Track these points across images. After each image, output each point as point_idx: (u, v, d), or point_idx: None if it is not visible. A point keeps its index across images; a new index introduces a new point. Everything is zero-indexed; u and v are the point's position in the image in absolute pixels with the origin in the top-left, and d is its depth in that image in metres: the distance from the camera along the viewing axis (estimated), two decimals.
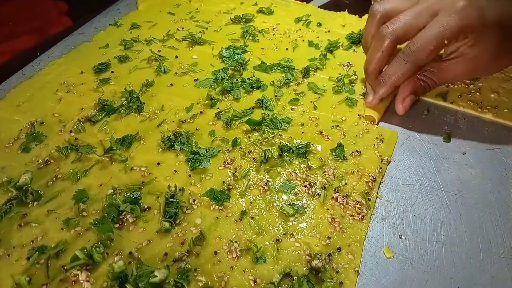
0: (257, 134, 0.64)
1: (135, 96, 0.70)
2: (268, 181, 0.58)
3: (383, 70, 0.64)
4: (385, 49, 0.62)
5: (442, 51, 0.62)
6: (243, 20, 0.90)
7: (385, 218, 0.54)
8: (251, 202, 0.55)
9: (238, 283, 0.47)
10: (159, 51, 0.81)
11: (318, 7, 0.96)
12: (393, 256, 0.50)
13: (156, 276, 0.46)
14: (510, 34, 0.57)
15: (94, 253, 0.49)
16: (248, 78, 0.74)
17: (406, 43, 0.60)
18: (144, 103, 0.69)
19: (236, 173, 0.58)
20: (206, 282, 0.47)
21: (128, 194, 0.55)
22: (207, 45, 0.83)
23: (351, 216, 0.54)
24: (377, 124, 0.67)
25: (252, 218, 0.53)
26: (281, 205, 0.54)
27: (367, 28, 0.67)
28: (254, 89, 0.73)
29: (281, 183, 0.57)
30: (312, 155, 0.61)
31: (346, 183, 0.57)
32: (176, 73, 0.76)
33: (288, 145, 0.61)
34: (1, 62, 0.82)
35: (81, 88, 0.73)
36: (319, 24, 0.89)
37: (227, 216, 0.54)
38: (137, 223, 0.53)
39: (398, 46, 0.62)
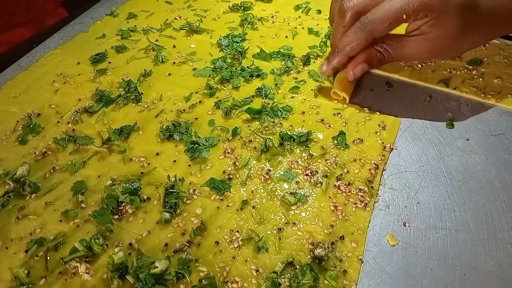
0: (257, 123, 0.63)
1: (133, 86, 0.69)
2: (269, 170, 0.57)
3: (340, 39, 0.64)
4: (347, 23, 0.62)
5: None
6: (242, 8, 0.88)
7: (389, 206, 0.53)
8: (252, 192, 0.54)
9: (240, 273, 0.46)
10: (157, 40, 0.80)
11: None
12: (397, 244, 0.49)
13: (157, 267, 0.45)
14: (472, 19, 0.57)
15: (94, 244, 0.48)
16: (248, 67, 0.73)
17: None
18: (142, 93, 0.69)
19: (236, 163, 0.58)
20: (207, 273, 0.46)
21: (127, 185, 0.54)
22: (205, 34, 0.82)
23: (354, 204, 0.53)
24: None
25: (253, 207, 0.53)
26: (282, 194, 0.54)
27: (332, 5, 0.68)
28: (254, 78, 0.72)
29: (282, 172, 0.57)
30: (313, 143, 0.60)
31: (348, 171, 0.56)
32: (174, 63, 0.75)
33: (289, 133, 0.60)
34: None
35: (78, 79, 0.72)
36: (319, 11, 0.88)
37: (228, 206, 0.53)
38: (137, 214, 0.52)
39: None
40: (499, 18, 0.59)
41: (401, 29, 0.61)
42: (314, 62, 0.75)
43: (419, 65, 0.72)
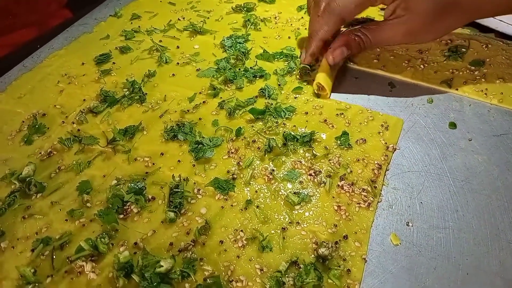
0: (260, 123, 0.64)
1: (137, 86, 0.69)
2: (273, 170, 0.57)
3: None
4: (321, 12, 0.64)
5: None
6: (245, 9, 0.89)
7: (392, 206, 0.53)
8: (256, 191, 0.55)
9: (245, 272, 0.47)
10: (161, 41, 0.81)
11: None
12: (400, 243, 0.50)
13: (162, 266, 0.46)
14: (444, 1, 0.59)
15: (99, 244, 0.48)
16: (251, 67, 0.74)
17: None
18: (146, 93, 0.69)
19: (240, 163, 0.58)
20: (212, 271, 0.47)
21: (132, 184, 0.55)
22: (208, 35, 0.83)
23: (357, 204, 0.53)
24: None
25: (257, 207, 0.53)
26: (286, 194, 0.54)
27: None
28: (257, 78, 0.72)
29: (286, 172, 0.57)
30: (316, 143, 0.60)
31: (351, 171, 0.57)
32: (178, 63, 0.76)
33: (292, 133, 0.61)
34: (2, 54, 0.82)
35: (82, 79, 0.72)
36: None
37: (232, 206, 0.53)
38: (142, 213, 0.53)
39: None
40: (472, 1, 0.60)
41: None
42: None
43: (422, 66, 0.73)
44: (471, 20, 0.65)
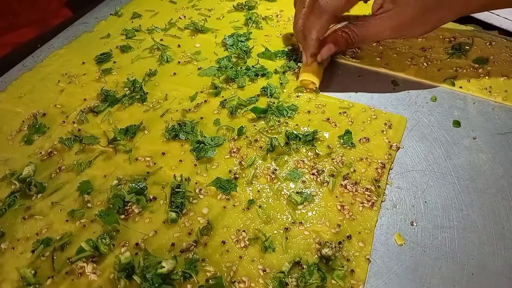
0: (262, 122, 0.63)
1: (138, 86, 0.69)
2: (275, 169, 0.57)
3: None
4: (307, 5, 0.63)
5: None
6: (246, 7, 0.88)
7: (396, 205, 0.53)
8: (259, 191, 0.54)
9: (247, 273, 0.46)
10: (161, 40, 0.80)
11: None
12: (404, 243, 0.49)
13: (164, 267, 0.45)
14: None
15: (100, 244, 0.48)
16: (253, 66, 0.73)
17: None
18: (147, 92, 0.68)
19: (242, 162, 0.57)
20: (214, 272, 0.46)
21: (133, 184, 0.54)
22: (210, 33, 0.82)
23: (361, 203, 0.53)
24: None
25: (259, 207, 0.52)
26: (289, 194, 0.54)
27: None
28: (259, 77, 0.71)
29: (288, 171, 0.56)
30: (319, 142, 0.60)
31: (355, 170, 0.56)
32: (179, 62, 0.75)
33: (295, 132, 0.60)
34: (2, 54, 0.81)
35: (83, 78, 0.72)
36: None
37: (234, 206, 0.53)
38: (143, 213, 0.52)
39: None
40: None
41: None
42: None
43: (425, 64, 0.72)
44: (460, 15, 0.64)
